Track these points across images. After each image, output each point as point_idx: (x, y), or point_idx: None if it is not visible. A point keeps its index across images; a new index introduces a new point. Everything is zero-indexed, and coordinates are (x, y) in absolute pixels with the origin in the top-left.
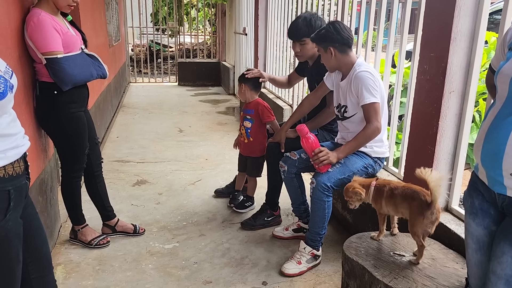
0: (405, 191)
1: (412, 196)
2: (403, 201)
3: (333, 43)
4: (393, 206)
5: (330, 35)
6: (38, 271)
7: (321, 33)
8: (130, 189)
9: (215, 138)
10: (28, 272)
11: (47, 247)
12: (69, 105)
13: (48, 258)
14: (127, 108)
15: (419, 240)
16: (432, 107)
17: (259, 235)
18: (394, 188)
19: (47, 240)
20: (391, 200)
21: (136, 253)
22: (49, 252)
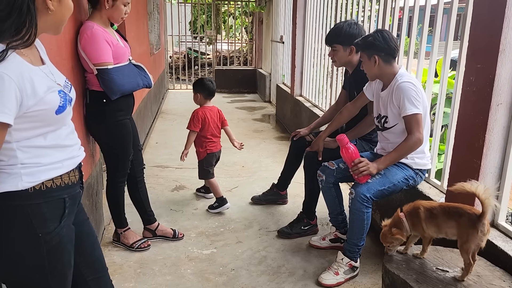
0: (447, 209)
1: (458, 212)
2: (447, 220)
3: (378, 52)
4: (435, 227)
5: (377, 44)
6: (92, 273)
7: (367, 40)
8: (169, 194)
9: (251, 145)
10: (83, 275)
11: (99, 250)
12: (116, 113)
13: (101, 260)
14: (165, 114)
15: (468, 257)
16: (479, 119)
17: (296, 243)
18: (431, 208)
19: (98, 243)
20: (432, 221)
21: (175, 258)
22: (102, 255)
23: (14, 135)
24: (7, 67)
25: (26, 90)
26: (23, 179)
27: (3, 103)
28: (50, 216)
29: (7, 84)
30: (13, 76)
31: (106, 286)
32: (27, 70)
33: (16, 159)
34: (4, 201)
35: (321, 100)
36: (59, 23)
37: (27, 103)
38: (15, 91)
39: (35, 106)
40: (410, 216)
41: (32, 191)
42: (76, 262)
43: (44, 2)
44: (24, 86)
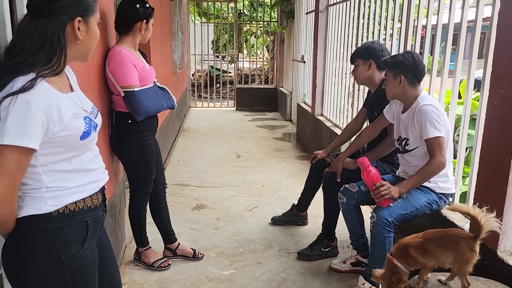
0: (439, 240)
1: (452, 240)
2: (445, 251)
3: (405, 72)
4: (433, 259)
5: (406, 64)
6: None
7: (397, 60)
8: (189, 213)
9: (272, 164)
10: None
11: (118, 275)
12: (141, 134)
13: (119, 285)
14: (187, 132)
15: (467, 279)
16: (504, 145)
17: (316, 266)
18: (420, 245)
19: (118, 268)
20: (428, 256)
21: (195, 278)
22: (120, 280)
23: (40, 159)
24: (35, 94)
25: (53, 116)
26: (47, 202)
27: (29, 129)
28: (73, 239)
29: (34, 111)
30: (40, 103)
31: None
32: (55, 97)
33: (41, 183)
34: (29, 224)
35: (342, 119)
36: (87, 51)
37: (53, 129)
38: (42, 117)
39: (61, 132)
40: (401, 256)
41: (55, 215)
42: None
43: (73, 33)
44: (50, 113)
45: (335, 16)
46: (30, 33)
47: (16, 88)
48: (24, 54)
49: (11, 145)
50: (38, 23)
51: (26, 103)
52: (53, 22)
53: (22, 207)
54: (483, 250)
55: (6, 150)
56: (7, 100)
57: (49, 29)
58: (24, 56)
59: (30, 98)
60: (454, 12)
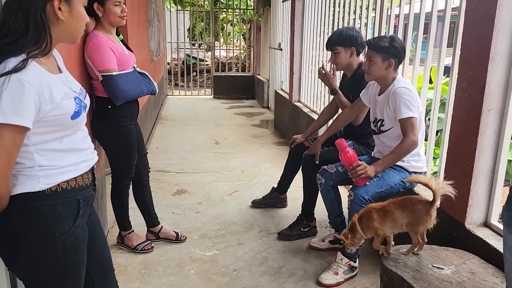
0: (400, 202)
1: (411, 202)
2: (403, 212)
3: (395, 57)
4: (391, 222)
5: (398, 49)
6: (100, 274)
7: (392, 44)
8: (170, 198)
9: (250, 150)
10: (90, 274)
11: (108, 251)
12: (121, 119)
13: (109, 262)
14: (165, 120)
15: (417, 237)
16: (471, 124)
17: (296, 245)
18: (383, 206)
19: (107, 245)
20: (387, 218)
21: (179, 259)
22: (110, 256)
23: (32, 138)
24: (27, 74)
25: (45, 96)
26: (40, 181)
27: (23, 108)
28: (65, 216)
29: (27, 90)
30: (33, 83)
31: (111, 286)
32: (46, 78)
33: (34, 162)
34: (23, 201)
35: (319, 105)
36: (73, 33)
37: (45, 108)
38: (34, 97)
39: (52, 111)
40: (362, 219)
41: (49, 192)
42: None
43: (54, 13)
44: (42, 92)
45: (312, 4)
46: (13, 13)
47: (9, 68)
48: (12, 35)
49: (6, 124)
50: (20, 2)
51: (19, 83)
52: (34, 1)
53: (16, 185)
54: (452, 223)
55: (1, 129)
56: (1, 80)
57: (30, 8)
58: (13, 37)
59: (22, 78)
60: (425, 1)
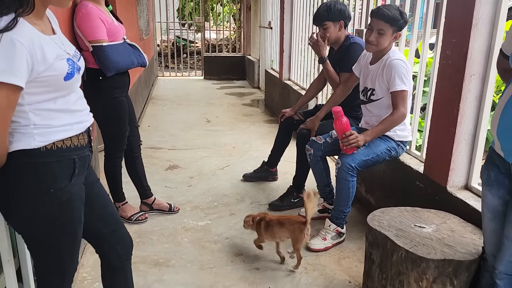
0: (281, 221)
1: (290, 222)
2: (281, 228)
3: (401, 30)
4: (271, 234)
5: (405, 25)
6: (106, 227)
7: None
8: (163, 173)
9: (241, 128)
10: (97, 228)
11: (112, 207)
12: (112, 91)
13: (114, 216)
14: (156, 100)
15: (299, 253)
16: (454, 91)
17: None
18: (270, 220)
19: (110, 201)
20: (268, 230)
21: (172, 229)
22: (115, 211)
23: (26, 98)
24: (18, 33)
25: (37, 56)
26: (35, 138)
27: (15, 67)
28: (60, 174)
29: (19, 50)
30: (24, 42)
31: (122, 238)
32: (38, 38)
33: (29, 121)
34: (19, 158)
35: (309, 83)
36: None
37: (37, 69)
38: (26, 56)
39: (45, 72)
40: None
41: (44, 150)
42: (89, 219)
43: None
44: (34, 52)
45: None
46: None
47: (0, 27)
48: None
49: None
50: None
51: (10, 42)
52: None
53: (12, 142)
54: (434, 187)
55: None
56: None
57: None
58: None
59: (14, 37)
60: None
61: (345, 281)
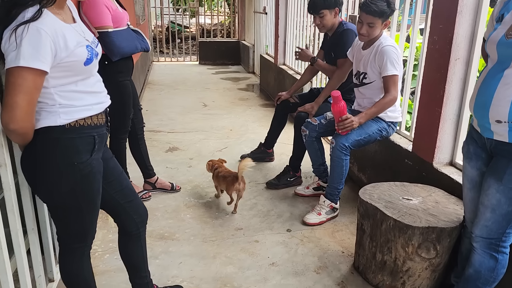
0: (224, 174)
1: (228, 175)
2: (223, 179)
3: (389, 18)
4: (217, 181)
5: (393, 11)
6: (124, 198)
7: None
8: (163, 154)
9: (238, 111)
10: (116, 200)
11: (127, 181)
12: (117, 75)
13: (130, 188)
14: (152, 85)
15: (231, 197)
16: (440, 73)
17: (283, 193)
18: (219, 171)
19: (125, 175)
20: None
21: (175, 206)
22: (130, 184)
23: (51, 81)
24: (43, 23)
25: (59, 43)
26: (60, 116)
27: (41, 54)
28: (83, 149)
29: (44, 38)
30: (48, 31)
31: (138, 207)
32: (60, 27)
33: (54, 101)
34: (46, 134)
35: (303, 67)
36: None
37: (60, 55)
38: (50, 43)
39: (67, 58)
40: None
41: (68, 127)
42: (108, 192)
43: None
44: (57, 40)
45: None
46: None
47: (27, 18)
48: None
49: (27, 67)
50: None
51: (36, 31)
52: None
53: (39, 120)
54: (421, 164)
55: (23, 72)
56: (21, 28)
57: None
58: None
59: (39, 26)
60: None
61: (339, 251)
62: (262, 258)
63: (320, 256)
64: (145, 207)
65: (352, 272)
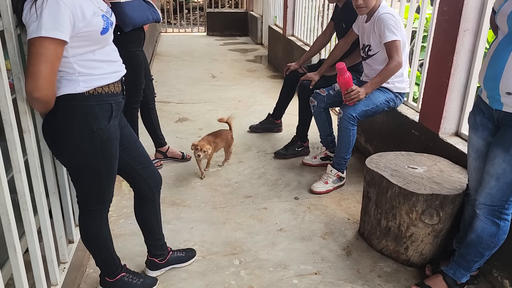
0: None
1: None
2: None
3: None
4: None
5: None
6: (139, 164)
7: None
8: (173, 125)
9: (246, 83)
10: (132, 166)
11: (142, 147)
12: (129, 45)
13: (144, 155)
14: (160, 56)
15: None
16: (449, 44)
17: (290, 163)
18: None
19: (140, 142)
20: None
21: (186, 174)
22: (145, 151)
23: (70, 51)
24: None
25: (77, 14)
26: (80, 84)
27: (61, 24)
28: (101, 116)
29: (63, 9)
30: (67, 2)
31: (153, 172)
32: None
33: (74, 70)
34: (66, 101)
35: (312, 38)
36: None
37: (78, 25)
38: (69, 14)
39: (84, 28)
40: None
41: (87, 95)
42: (124, 158)
43: None
44: (75, 11)
45: None
46: None
47: None
48: None
49: (48, 37)
50: None
51: (55, 2)
52: None
53: (60, 88)
54: (428, 134)
55: (44, 41)
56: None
57: None
58: None
59: None
60: None
61: (344, 218)
62: (270, 224)
63: (327, 223)
64: (159, 173)
65: (357, 238)
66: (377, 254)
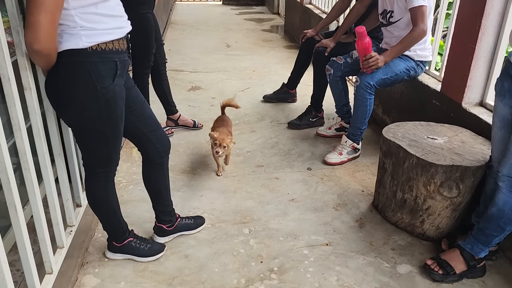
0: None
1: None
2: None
3: None
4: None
5: None
6: (147, 127)
7: None
8: (186, 93)
9: (261, 52)
10: (139, 129)
11: (149, 110)
12: (140, 6)
13: (152, 118)
14: (175, 25)
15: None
16: (477, 6)
17: (304, 133)
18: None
19: (147, 105)
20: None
21: (197, 142)
22: (153, 114)
23: (71, 3)
24: None
25: None
26: (82, 39)
27: None
28: (105, 74)
29: None
30: None
31: (162, 137)
32: None
33: (76, 23)
34: (68, 57)
35: (330, 6)
36: None
37: None
38: None
39: None
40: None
41: (90, 51)
42: (131, 120)
43: None
44: None
45: None
46: None
47: None
48: None
49: None
50: None
51: None
52: None
53: (62, 43)
54: (450, 104)
55: None
56: None
57: None
58: None
59: None
60: None
61: (358, 190)
62: (281, 194)
63: (340, 194)
64: (168, 138)
65: (371, 210)
66: (391, 227)
